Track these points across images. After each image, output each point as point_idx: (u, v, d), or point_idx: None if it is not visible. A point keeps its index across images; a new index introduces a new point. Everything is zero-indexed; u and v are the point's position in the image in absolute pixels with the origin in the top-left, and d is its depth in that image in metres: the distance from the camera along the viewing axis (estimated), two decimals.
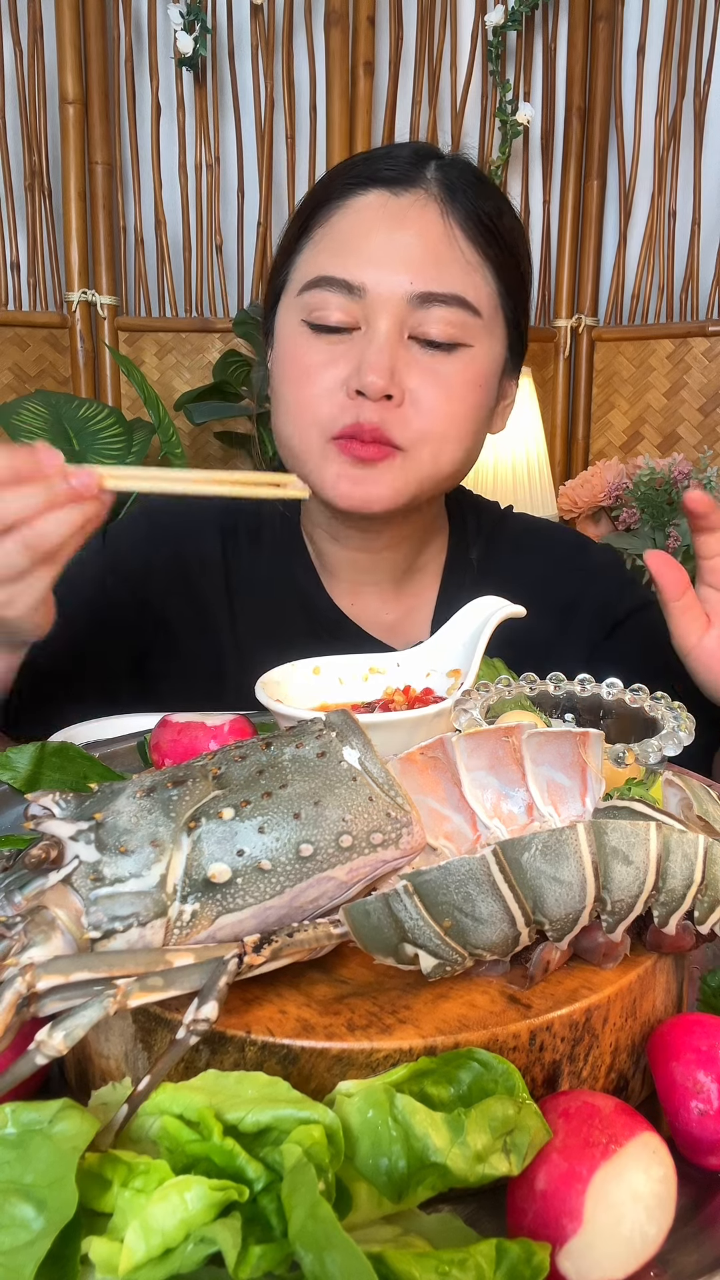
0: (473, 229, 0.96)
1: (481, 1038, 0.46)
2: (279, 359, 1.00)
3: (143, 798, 0.50)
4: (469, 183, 0.98)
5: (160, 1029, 0.47)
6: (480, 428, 1.01)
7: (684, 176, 2.65)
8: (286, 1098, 0.41)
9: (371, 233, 0.94)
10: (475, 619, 0.78)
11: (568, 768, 0.55)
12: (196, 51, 2.46)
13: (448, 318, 0.94)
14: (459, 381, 0.95)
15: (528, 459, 2.32)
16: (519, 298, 1.02)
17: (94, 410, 2.26)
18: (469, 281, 0.95)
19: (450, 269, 0.94)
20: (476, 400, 0.98)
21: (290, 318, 0.98)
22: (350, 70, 2.55)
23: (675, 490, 2.22)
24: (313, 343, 0.95)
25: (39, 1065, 0.42)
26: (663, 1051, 0.48)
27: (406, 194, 0.95)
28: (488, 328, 0.98)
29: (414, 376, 0.94)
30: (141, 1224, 0.37)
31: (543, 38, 2.66)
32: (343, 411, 0.94)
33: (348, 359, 0.94)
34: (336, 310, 0.94)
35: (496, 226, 0.98)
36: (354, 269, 0.93)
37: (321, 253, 0.96)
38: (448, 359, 0.95)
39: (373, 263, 0.93)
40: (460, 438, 0.98)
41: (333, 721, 0.54)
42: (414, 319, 0.93)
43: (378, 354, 0.92)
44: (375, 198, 0.96)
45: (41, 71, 2.46)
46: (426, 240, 0.94)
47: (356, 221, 0.95)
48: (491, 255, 0.97)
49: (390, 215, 0.95)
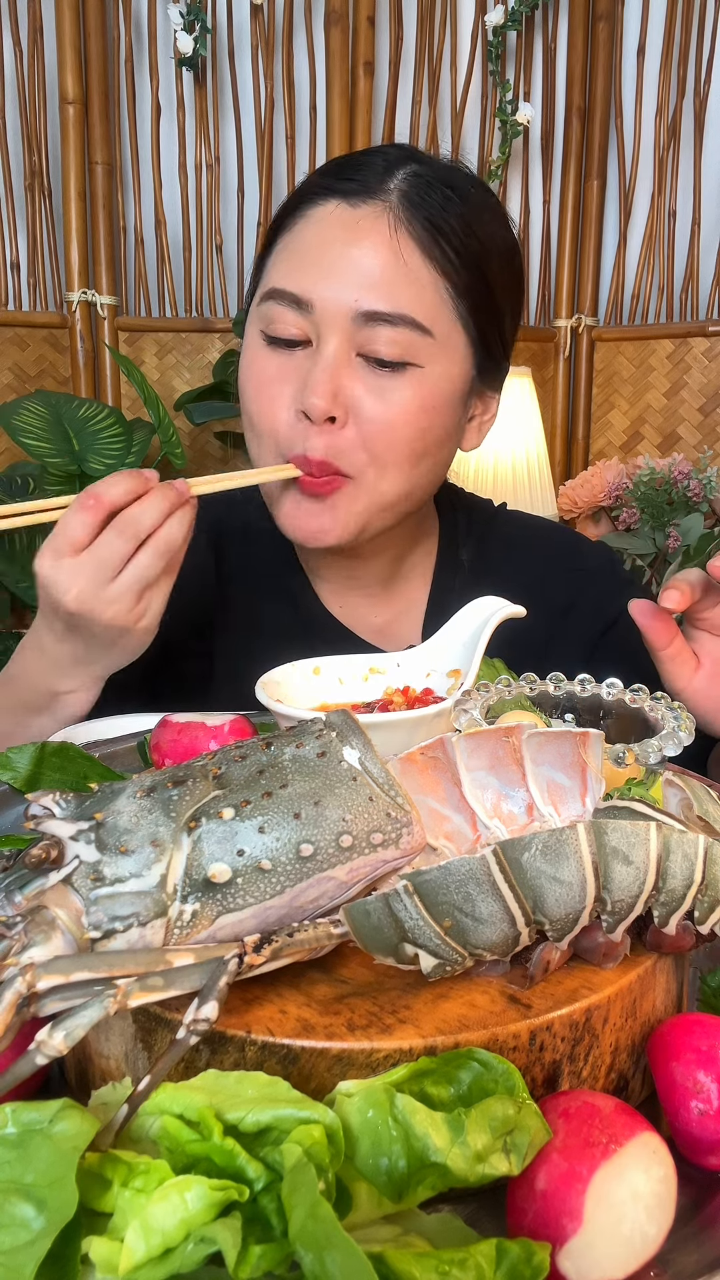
0: (430, 244, 0.92)
1: (481, 1038, 0.46)
2: (241, 368, 0.99)
3: (143, 798, 0.50)
4: (436, 195, 0.93)
5: (160, 1029, 0.47)
6: (432, 450, 0.97)
7: (684, 176, 2.65)
8: (286, 1097, 0.41)
9: (325, 246, 0.92)
10: (475, 619, 0.78)
11: (568, 768, 0.55)
12: (196, 51, 2.46)
13: (395, 337, 0.91)
14: (404, 402, 0.92)
15: (528, 459, 2.32)
16: (487, 314, 0.97)
17: (94, 410, 2.25)
18: (420, 300, 0.92)
19: (398, 287, 0.91)
20: (425, 424, 0.94)
21: (252, 329, 0.97)
22: (350, 70, 2.55)
23: (675, 490, 2.22)
24: (268, 355, 0.95)
25: (39, 1065, 0.42)
26: (663, 1051, 0.48)
27: (364, 205, 0.92)
28: (441, 347, 0.94)
29: (360, 395, 0.92)
30: (142, 1224, 0.37)
31: (543, 38, 2.66)
32: (292, 432, 0.93)
33: (298, 373, 0.93)
34: (289, 324, 0.93)
35: (459, 242, 0.94)
36: (305, 284, 0.92)
37: (280, 263, 0.95)
38: (396, 378, 0.92)
39: (323, 279, 0.91)
40: (404, 461, 0.94)
41: (333, 721, 0.54)
42: (361, 336, 0.91)
43: (321, 374, 0.91)
44: (333, 208, 0.93)
45: (41, 71, 2.46)
46: (377, 256, 0.91)
47: (314, 233, 0.94)
48: (449, 272, 0.93)
49: (344, 228, 0.92)
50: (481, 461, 2.28)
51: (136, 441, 2.25)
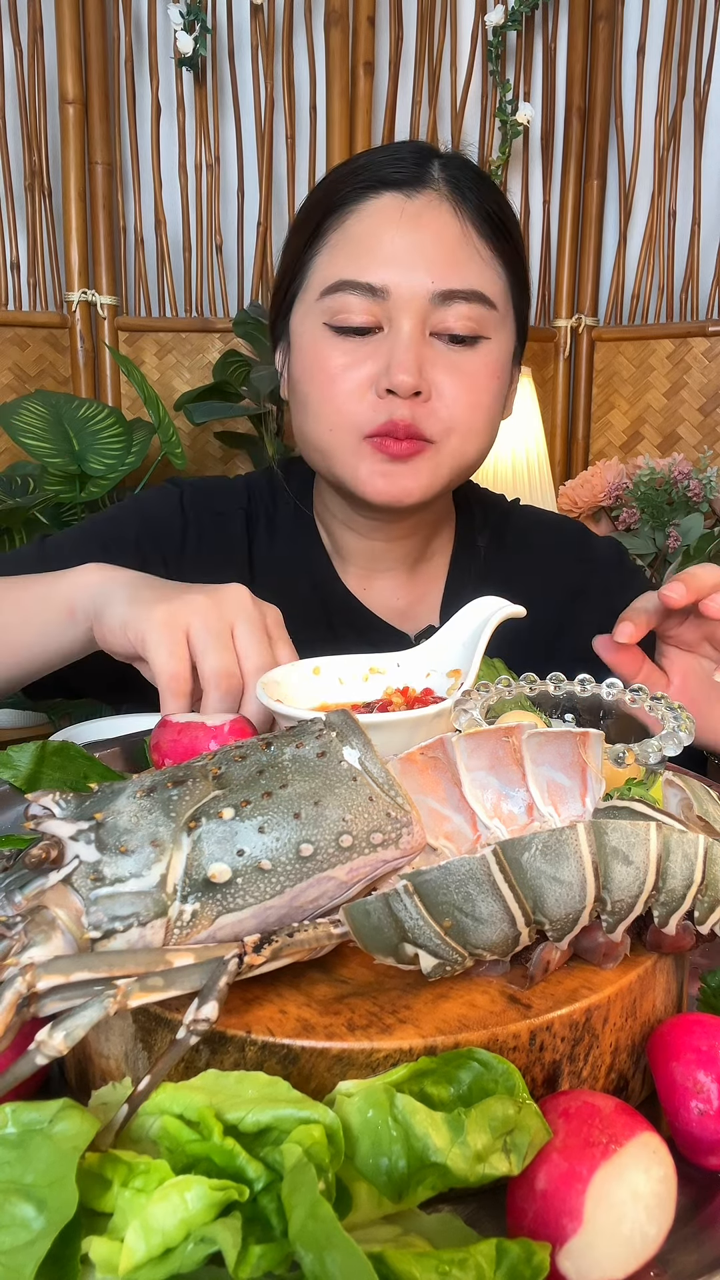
0: (484, 225, 0.99)
1: (481, 1038, 0.46)
2: (302, 363, 1.02)
3: (143, 797, 0.50)
4: (473, 179, 1.02)
5: (160, 1029, 0.47)
6: (498, 415, 1.05)
7: (684, 176, 2.65)
8: (287, 1097, 0.41)
9: (389, 235, 0.97)
10: (475, 619, 0.78)
11: (568, 768, 0.55)
12: (196, 51, 2.46)
13: (468, 313, 0.97)
14: (481, 374, 0.99)
15: (528, 459, 2.32)
16: (525, 288, 1.06)
17: (94, 410, 2.25)
18: (485, 276, 0.99)
19: (468, 266, 0.98)
20: (496, 389, 1.02)
21: (311, 322, 1.00)
22: (350, 70, 2.55)
23: (675, 490, 2.22)
24: (336, 344, 0.98)
25: (39, 1065, 0.42)
26: (663, 1051, 0.48)
27: (419, 195, 0.98)
28: (502, 319, 1.02)
29: (438, 372, 0.97)
30: (142, 1224, 0.37)
31: (543, 38, 2.66)
32: (375, 411, 0.97)
33: (373, 359, 0.97)
34: (359, 313, 0.97)
35: (503, 221, 1.02)
36: (375, 271, 0.96)
37: (339, 257, 0.98)
38: (469, 352, 0.99)
39: (393, 264, 0.96)
40: (484, 427, 1.02)
41: (333, 721, 0.54)
42: (435, 316, 0.97)
43: (405, 353, 0.95)
44: (389, 200, 0.98)
45: (41, 71, 2.46)
46: (444, 239, 0.97)
47: (372, 224, 0.98)
48: (501, 249, 1.01)
49: (406, 217, 0.97)
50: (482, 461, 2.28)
51: (136, 441, 2.25)
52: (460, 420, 0.99)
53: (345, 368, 0.97)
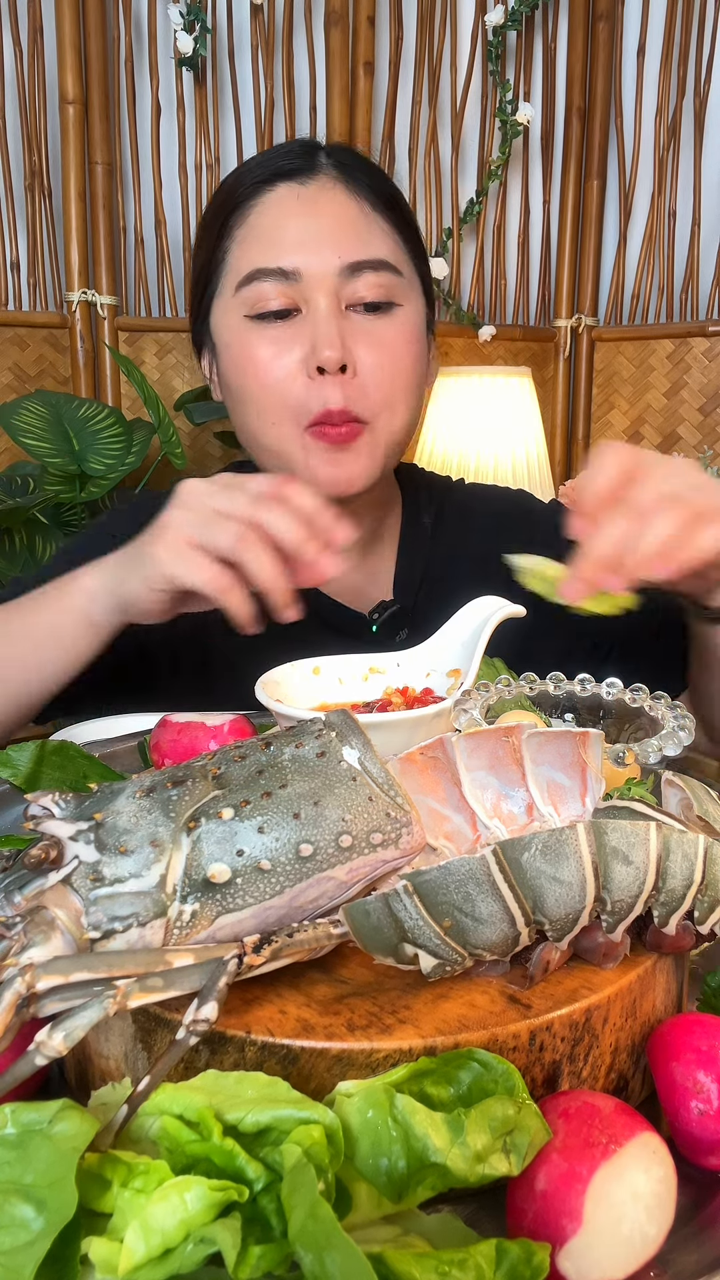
0: (377, 200, 1.05)
1: (481, 1038, 0.45)
2: (231, 359, 1.06)
3: (142, 798, 0.50)
4: (359, 162, 1.07)
5: (160, 1029, 0.47)
6: (421, 383, 1.09)
7: (684, 176, 2.65)
8: (286, 1098, 0.41)
9: (291, 220, 1.02)
10: (475, 619, 0.78)
11: (568, 768, 0.55)
12: (196, 51, 2.45)
13: (377, 281, 1.02)
14: (399, 340, 1.04)
15: (528, 459, 2.32)
16: (423, 256, 1.11)
17: (94, 410, 2.25)
18: (387, 246, 1.04)
19: (369, 237, 1.03)
20: (415, 354, 1.06)
21: (231, 318, 1.04)
22: (350, 70, 2.55)
23: None
24: (259, 333, 1.02)
25: (39, 1066, 0.42)
26: (663, 1051, 0.48)
27: (312, 181, 1.03)
28: (410, 285, 1.07)
29: (359, 345, 1.01)
30: (141, 1224, 0.36)
31: (543, 38, 2.66)
32: (309, 396, 1.00)
33: (298, 341, 1.01)
34: (275, 297, 1.01)
35: (394, 198, 1.07)
36: (284, 256, 1.01)
37: (249, 249, 1.03)
38: (385, 320, 1.03)
39: (300, 247, 1.01)
40: (408, 395, 1.06)
41: (332, 721, 0.54)
42: (347, 289, 1.01)
43: (326, 327, 0.99)
44: (285, 190, 1.03)
45: (41, 71, 2.46)
46: (342, 217, 1.02)
47: (274, 214, 1.03)
48: (395, 221, 1.06)
49: (303, 201, 1.03)
50: (482, 461, 2.28)
51: (136, 441, 2.25)
52: (386, 392, 1.02)
53: (274, 355, 1.01)
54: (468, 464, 2.29)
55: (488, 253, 2.74)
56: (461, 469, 2.28)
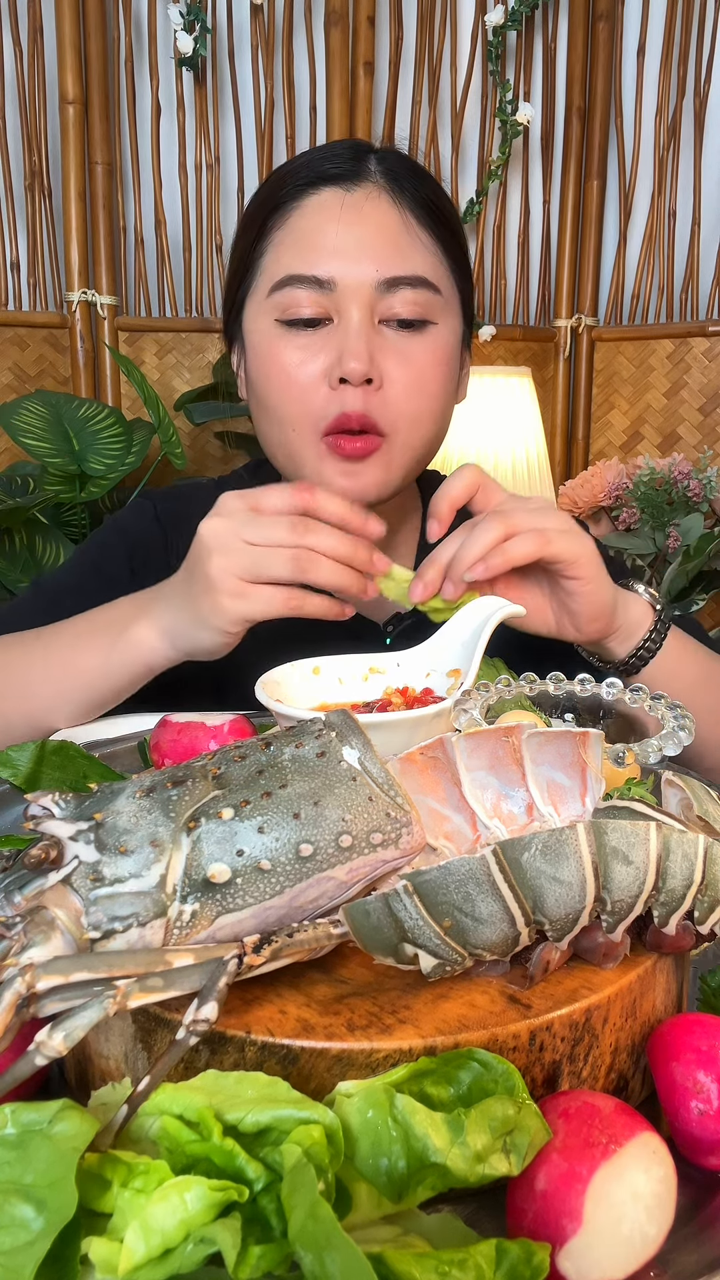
0: (422, 213, 1.02)
1: (481, 1038, 0.45)
2: (257, 362, 1.04)
3: (142, 798, 0.50)
4: (409, 171, 1.04)
5: (160, 1029, 0.47)
6: (450, 401, 1.07)
7: (684, 176, 2.65)
8: (286, 1098, 0.41)
9: (331, 228, 0.99)
10: (475, 619, 0.78)
11: (568, 768, 0.55)
12: (196, 51, 2.46)
13: (414, 298, 0.99)
14: (429, 360, 1.01)
15: (528, 459, 2.32)
16: (467, 273, 1.08)
17: (94, 410, 2.25)
18: (428, 263, 1.01)
19: (410, 252, 1.00)
20: (445, 375, 1.04)
21: (262, 320, 1.02)
22: (350, 70, 2.55)
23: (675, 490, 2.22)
24: (289, 339, 1.00)
25: (39, 1066, 0.42)
26: (662, 1052, 0.48)
27: (357, 188, 1.01)
28: (448, 304, 1.04)
29: (388, 360, 0.99)
30: (141, 1224, 0.36)
31: (543, 38, 2.66)
32: (328, 403, 0.98)
33: (325, 351, 0.99)
34: (308, 305, 0.99)
35: (441, 209, 1.04)
36: (321, 264, 0.98)
37: (285, 253, 1.01)
38: (417, 338, 1.01)
39: (338, 256, 0.98)
40: (434, 415, 1.04)
41: (332, 721, 0.54)
42: (382, 304, 0.99)
43: (355, 341, 0.97)
44: (329, 195, 1.01)
45: (41, 71, 2.46)
46: (385, 228, 0.99)
47: (315, 219, 1.00)
48: (441, 236, 1.03)
49: (347, 209, 1.00)
50: (481, 461, 2.28)
51: (136, 441, 2.25)
52: (410, 409, 1.00)
53: (300, 363, 0.99)
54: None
55: (488, 253, 2.74)
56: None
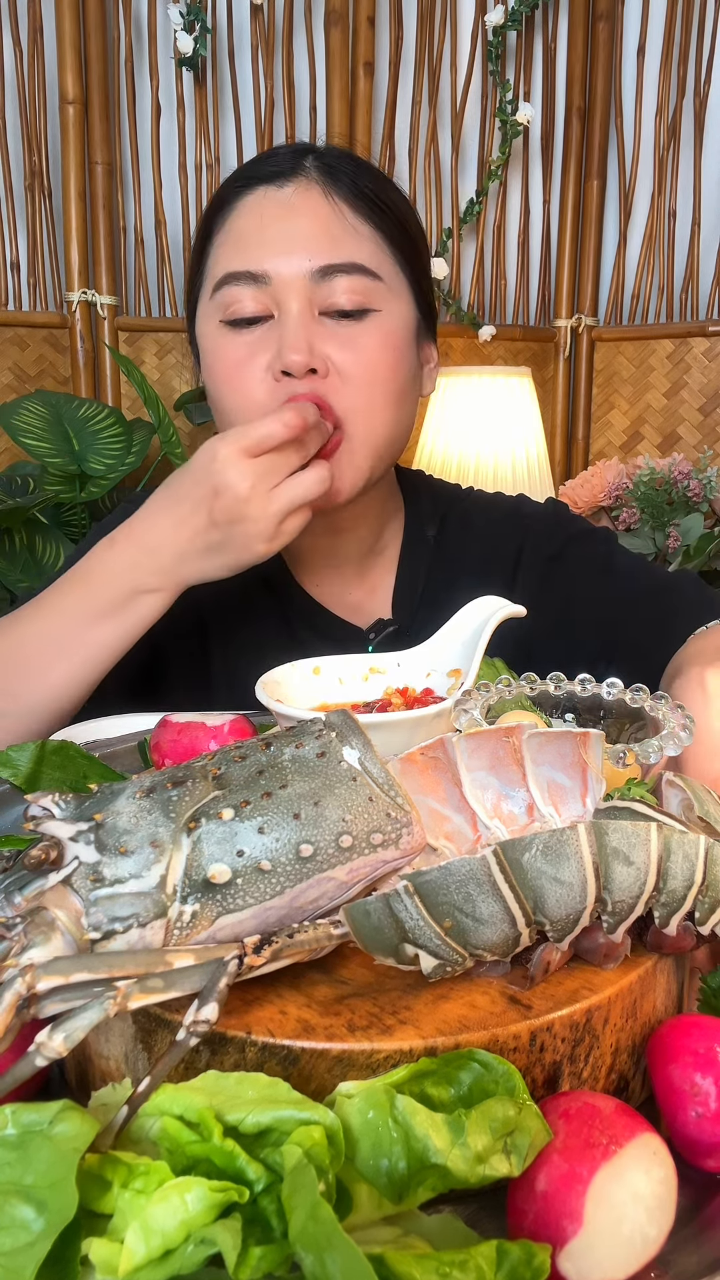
0: (358, 203, 1.01)
1: (482, 1038, 0.45)
2: (207, 365, 1.04)
3: (142, 798, 0.50)
4: (348, 164, 1.03)
5: (160, 1030, 0.47)
6: (405, 389, 1.05)
7: (684, 176, 2.65)
8: (287, 1099, 0.41)
9: (264, 223, 1.00)
10: (475, 619, 0.78)
11: (568, 768, 0.55)
12: (196, 51, 2.46)
13: (351, 285, 0.98)
14: (374, 346, 1.00)
15: (528, 459, 2.32)
16: (417, 264, 1.06)
17: (94, 410, 2.25)
18: (363, 250, 1.00)
19: (343, 240, 0.99)
20: (395, 362, 1.02)
21: (209, 323, 1.03)
22: (350, 70, 2.55)
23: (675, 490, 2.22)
24: (233, 339, 1.00)
25: (39, 1067, 0.42)
26: (660, 1054, 0.48)
27: (289, 184, 1.01)
28: (391, 290, 1.02)
29: (331, 348, 0.98)
30: (142, 1225, 0.36)
31: (543, 38, 2.66)
32: (273, 398, 0.98)
33: (266, 346, 0.99)
34: (248, 302, 0.99)
35: (381, 198, 1.02)
36: (255, 259, 0.98)
37: (224, 253, 1.01)
38: (360, 326, 1.00)
39: (270, 249, 0.98)
40: (387, 402, 1.01)
41: (333, 721, 0.54)
42: (320, 294, 0.98)
43: (293, 332, 0.97)
44: (260, 193, 1.01)
45: (41, 71, 2.46)
46: (316, 218, 0.99)
47: (250, 217, 1.01)
48: (380, 224, 1.02)
49: (278, 204, 1.00)
50: (482, 461, 2.28)
51: (136, 441, 2.25)
52: (362, 398, 0.99)
53: (245, 359, 0.99)
54: (468, 464, 2.29)
55: (488, 253, 2.74)
56: (461, 469, 2.28)
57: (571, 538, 1.16)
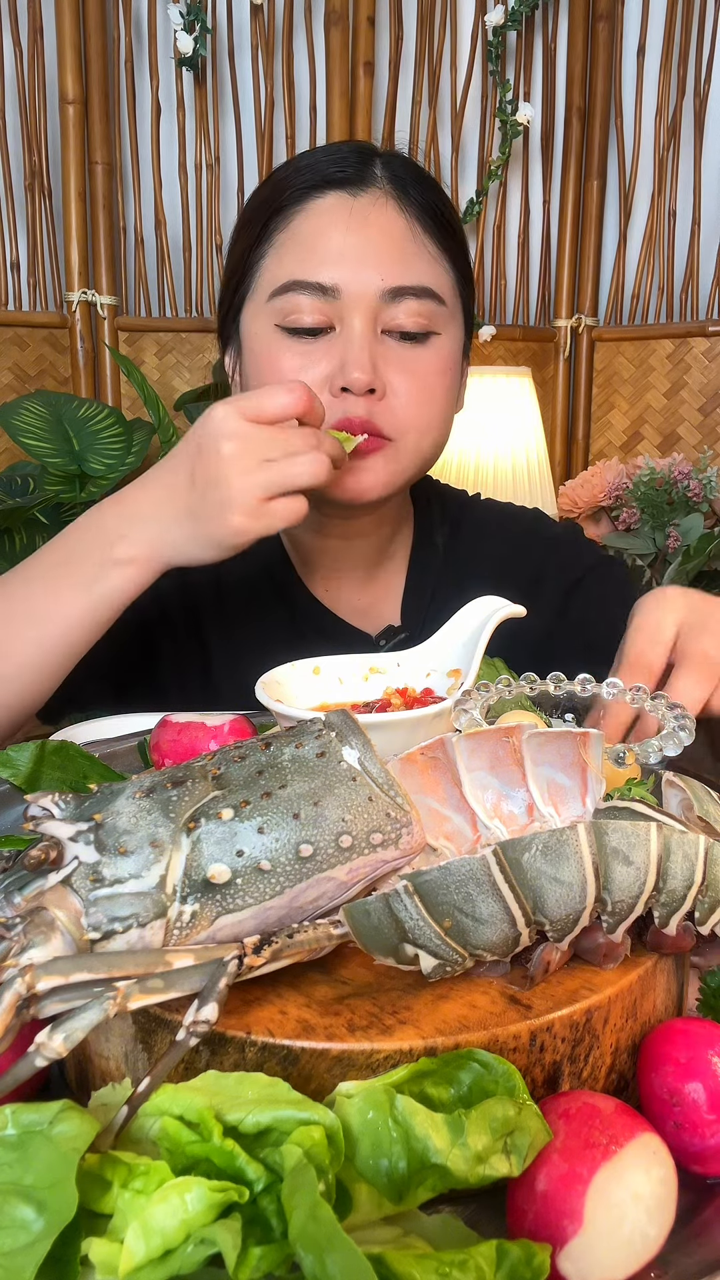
0: (429, 222, 1.00)
1: (482, 1038, 0.45)
2: (254, 365, 1.02)
3: (142, 798, 0.50)
4: (415, 177, 1.02)
5: (160, 1030, 0.47)
6: (452, 410, 1.06)
7: (684, 176, 2.65)
8: (287, 1099, 0.41)
9: (336, 233, 0.97)
10: (475, 619, 0.78)
11: (568, 768, 0.55)
12: (196, 51, 2.46)
13: (418, 309, 0.98)
14: (433, 370, 1.00)
15: (528, 459, 2.32)
16: (469, 281, 1.07)
17: (94, 410, 2.25)
18: (433, 272, 0.99)
19: (415, 262, 0.98)
20: (449, 385, 1.03)
21: (262, 324, 1.00)
22: (350, 70, 2.55)
23: (675, 490, 2.22)
24: (289, 346, 0.98)
25: (39, 1067, 0.42)
26: (646, 1061, 0.48)
27: (363, 194, 0.98)
28: (451, 314, 1.02)
29: (391, 370, 0.97)
30: (141, 1225, 0.36)
31: (543, 38, 2.66)
32: (328, 410, 0.95)
33: (326, 358, 0.97)
34: (310, 313, 0.96)
35: (446, 217, 1.02)
36: (324, 271, 0.96)
37: (288, 257, 0.98)
38: (420, 349, 0.99)
39: (342, 263, 0.96)
40: (439, 424, 1.03)
41: (332, 721, 0.54)
42: (386, 314, 0.97)
43: (359, 351, 0.95)
44: (334, 199, 0.98)
45: (41, 71, 2.46)
46: (390, 236, 0.98)
47: (320, 224, 0.98)
48: (446, 245, 1.01)
49: (352, 215, 0.97)
50: (482, 461, 2.28)
51: (136, 441, 2.25)
52: (415, 418, 0.99)
53: (299, 369, 0.97)
54: (467, 464, 2.29)
55: (488, 253, 2.74)
56: (462, 469, 2.28)
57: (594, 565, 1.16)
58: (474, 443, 2.29)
